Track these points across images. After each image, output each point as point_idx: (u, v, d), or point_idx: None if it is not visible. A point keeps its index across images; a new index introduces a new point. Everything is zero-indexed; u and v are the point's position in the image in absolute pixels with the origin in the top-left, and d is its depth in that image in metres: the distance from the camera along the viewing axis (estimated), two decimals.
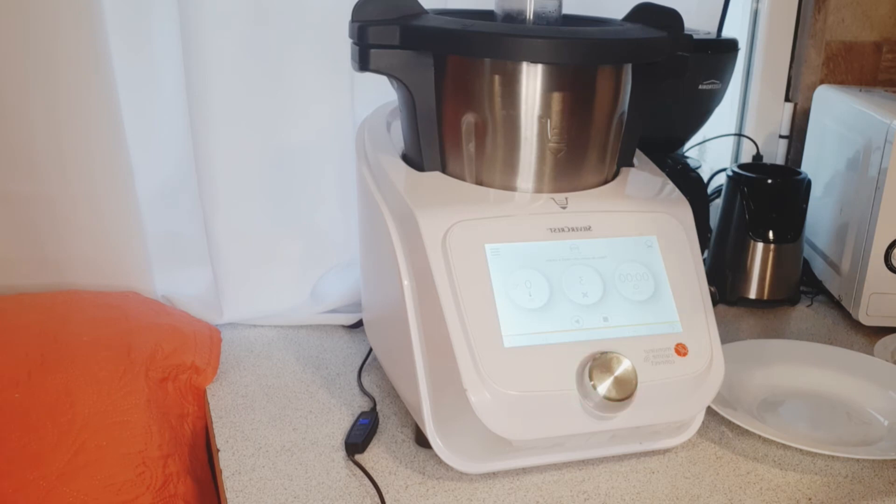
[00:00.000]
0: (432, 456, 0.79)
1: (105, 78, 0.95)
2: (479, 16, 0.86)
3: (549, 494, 0.77)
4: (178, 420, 0.90)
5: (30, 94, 0.95)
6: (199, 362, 0.94)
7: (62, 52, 0.93)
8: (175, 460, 0.84)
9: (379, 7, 0.76)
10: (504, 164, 0.78)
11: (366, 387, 0.95)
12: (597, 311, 0.74)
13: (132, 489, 0.79)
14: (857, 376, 0.97)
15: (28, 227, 1.01)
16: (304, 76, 1.02)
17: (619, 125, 0.82)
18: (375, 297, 0.93)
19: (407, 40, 0.75)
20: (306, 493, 0.76)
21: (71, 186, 0.99)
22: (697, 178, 1.18)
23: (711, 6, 1.18)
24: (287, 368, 0.99)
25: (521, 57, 0.74)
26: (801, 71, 1.34)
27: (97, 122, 0.97)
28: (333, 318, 1.10)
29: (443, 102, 0.78)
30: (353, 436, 0.84)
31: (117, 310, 0.98)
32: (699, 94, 1.11)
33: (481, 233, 0.74)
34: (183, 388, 0.93)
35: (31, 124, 0.96)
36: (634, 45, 0.77)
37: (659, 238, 0.79)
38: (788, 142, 1.37)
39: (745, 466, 0.82)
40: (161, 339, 0.94)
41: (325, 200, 1.09)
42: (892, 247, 1.07)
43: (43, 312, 0.95)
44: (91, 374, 0.86)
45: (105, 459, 0.81)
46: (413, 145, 0.81)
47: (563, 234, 0.76)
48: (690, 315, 0.77)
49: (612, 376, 0.70)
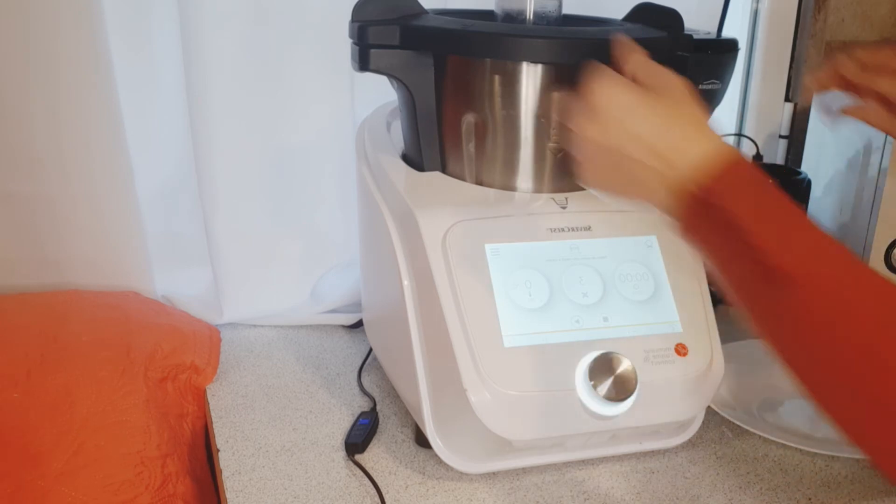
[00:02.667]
0: (432, 456, 0.79)
1: (105, 78, 0.95)
2: (479, 16, 0.86)
3: (549, 494, 0.77)
4: (177, 420, 0.90)
5: (30, 94, 0.95)
6: (198, 362, 0.94)
7: (62, 52, 0.93)
8: (174, 460, 0.84)
9: (379, 7, 0.76)
10: (504, 164, 0.78)
11: (366, 387, 0.94)
12: (597, 311, 0.74)
13: (131, 489, 0.79)
14: None
15: (28, 227, 1.01)
16: (304, 76, 1.02)
17: None
18: (375, 297, 0.93)
19: (407, 40, 0.75)
20: (306, 493, 0.76)
21: (71, 186, 0.99)
22: None
23: (711, 6, 1.18)
24: (287, 368, 0.99)
25: (521, 57, 0.74)
26: (801, 71, 1.34)
27: (97, 122, 0.97)
28: (333, 318, 1.10)
29: (443, 102, 0.78)
30: (353, 436, 0.84)
31: (117, 310, 0.98)
32: (699, 94, 1.10)
33: (481, 233, 0.74)
34: (182, 388, 0.93)
35: (32, 124, 0.96)
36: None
37: (659, 238, 0.79)
38: (788, 142, 1.37)
39: (745, 466, 0.82)
40: (161, 339, 0.94)
41: (325, 200, 1.09)
42: (892, 247, 1.07)
43: (43, 312, 0.95)
44: (91, 374, 0.86)
45: (104, 459, 0.80)
46: (413, 145, 0.81)
47: (563, 234, 0.76)
48: (690, 315, 0.77)
49: (612, 376, 0.70)
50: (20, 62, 0.93)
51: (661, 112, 0.55)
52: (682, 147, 0.52)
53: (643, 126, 0.55)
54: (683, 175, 0.51)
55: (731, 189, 0.48)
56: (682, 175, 0.51)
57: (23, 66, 0.93)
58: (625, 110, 0.56)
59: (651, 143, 0.53)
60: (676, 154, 0.52)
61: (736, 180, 0.49)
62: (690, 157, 0.51)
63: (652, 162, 0.53)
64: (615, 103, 0.57)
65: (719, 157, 0.50)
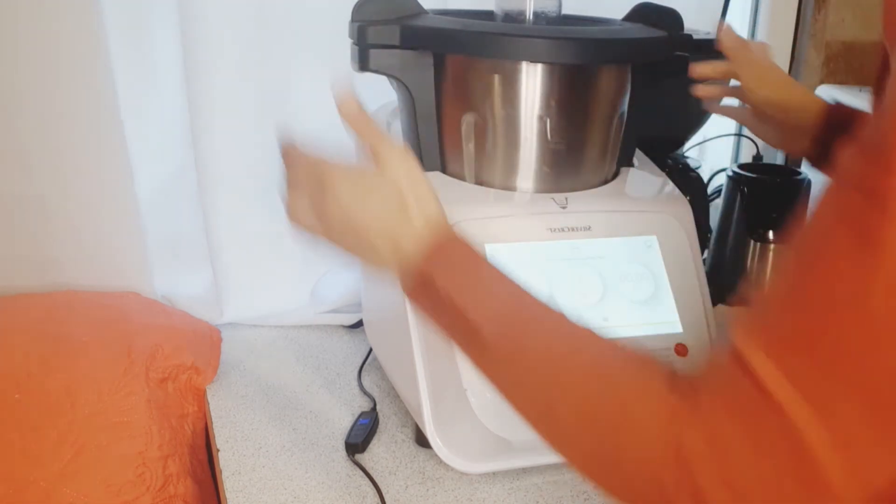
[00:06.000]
0: (432, 456, 0.79)
1: (105, 78, 0.95)
2: (479, 16, 0.86)
3: (549, 494, 0.77)
4: (178, 420, 0.90)
5: (30, 94, 0.95)
6: (199, 362, 0.94)
7: (62, 52, 0.93)
8: (175, 461, 0.84)
9: (379, 7, 0.76)
10: (504, 164, 0.78)
11: (366, 387, 0.94)
12: (597, 311, 0.74)
13: (132, 490, 0.79)
14: None
15: (28, 228, 1.01)
16: (304, 76, 1.02)
17: (619, 125, 0.82)
18: (375, 297, 0.93)
19: (407, 40, 0.75)
20: (306, 493, 0.76)
21: (71, 187, 0.99)
22: (697, 178, 1.18)
23: (711, 6, 1.18)
24: (287, 368, 0.99)
25: (520, 57, 0.74)
26: (801, 71, 1.34)
27: (97, 122, 0.97)
28: (333, 318, 1.10)
29: (443, 102, 0.78)
30: (353, 436, 0.84)
31: (117, 310, 0.98)
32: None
33: (481, 233, 0.74)
34: (183, 389, 0.93)
35: (32, 125, 0.96)
36: (634, 45, 0.77)
37: (659, 238, 0.79)
38: None
39: None
40: (161, 339, 0.93)
41: None
42: None
43: (43, 312, 0.95)
44: (91, 374, 0.86)
45: (105, 460, 0.80)
46: (413, 145, 0.81)
47: (563, 234, 0.76)
48: (690, 315, 0.77)
49: None
50: (20, 63, 0.93)
51: (377, 196, 0.60)
52: (401, 231, 0.59)
53: (364, 216, 0.60)
54: (405, 255, 0.58)
55: (439, 268, 0.57)
56: (404, 255, 0.58)
57: (23, 67, 0.93)
58: (343, 205, 0.61)
59: (375, 228, 0.60)
60: (398, 237, 0.59)
61: (442, 259, 0.57)
62: (409, 238, 0.59)
63: (379, 243, 0.60)
64: (331, 197, 0.61)
65: (431, 238, 0.58)
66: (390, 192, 0.60)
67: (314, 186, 0.62)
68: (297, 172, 0.65)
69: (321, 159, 0.63)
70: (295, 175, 0.65)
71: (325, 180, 0.61)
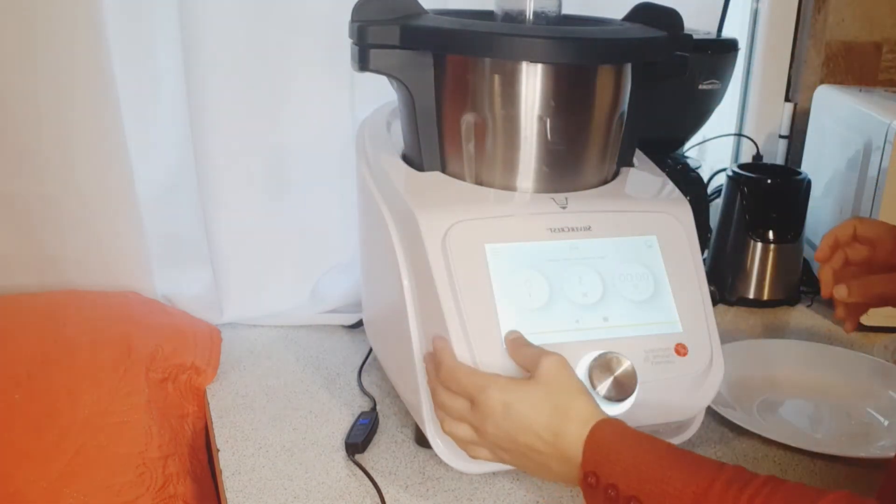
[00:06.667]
0: (432, 456, 0.79)
1: (105, 78, 0.95)
2: (479, 16, 0.86)
3: (549, 494, 0.77)
4: (178, 420, 0.90)
5: (30, 94, 0.95)
6: (199, 362, 0.94)
7: (63, 52, 0.93)
8: (175, 461, 0.84)
9: (379, 7, 0.76)
10: (504, 164, 0.78)
11: (366, 387, 0.95)
12: (597, 311, 0.74)
13: (132, 490, 0.79)
14: (857, 376, 0.97)
15: (29, 228, 1.01)
16: (303, 76, 1.02)
17: (619, 125, 0.82)
18: (375, 297, 0.93)
19: (407, 40, 0.75)
20: (306, 493, 0.76)
21: (71, 186, 0.99)
22: (697, 178, 1.18)
23: (711, 6, 1.18)
24: (287, 368, 0.99)
25: (520, 57, 0.74)
26: (801, 71, 1.34)
27: (98, 122, 0.97)
28: (333, 318, 1.10)
29: (442, 102, 0.78)
30: (353, 436, 0.84)
31: (117, 310, 0.98)
32: (699, 94, 1.11)
33: (481, 233, 0.74)
34: (183, 389, 0.93)
35: (32, 124, 0.96)
36: (634, 45, 0.77)
37: (659, 238, 0.79)
38: (788, 142, 1.37)
39: (744, 466, 0.82)
40: (161, 339, 0.94)
41: (324, 200, 1.09)
42: None
43: (43, 313, 0.95)
44: (91, 374, 0.86)
45: (105, 460, 0.81)
46: (413, 145, 0.81)
47: (563, 234, 0.76)
48: (690, 315, 0.77)
49: (612, 376, 0.70)
50: (21, 63, 0.93)
51: (538, 403, 0.64)
52: (563, 432, 0.62)
53: (527, 425, 0.64)
54: (569, 458, 0.62)
55: (603, 463, 0.59)
56: (568, 458, 0.62)
57: (23, 67, 0.93)
58: (505, 415, 0.64)
59: (538, 434, 0.63)
60: (559, 440, 0.62)
61: (604, 456, 0.60)
62: (570, 440, 0.62)
63: (543, 448, 0.63)
64: (491, 410, 0.65)
65: (591, 438, 0.61)
66: (554, 399, 0.63)
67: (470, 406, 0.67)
68: (449, 386, 0.68)
69: (475, 373, 0.68)
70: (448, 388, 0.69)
71: (481, 401, 0.65)
